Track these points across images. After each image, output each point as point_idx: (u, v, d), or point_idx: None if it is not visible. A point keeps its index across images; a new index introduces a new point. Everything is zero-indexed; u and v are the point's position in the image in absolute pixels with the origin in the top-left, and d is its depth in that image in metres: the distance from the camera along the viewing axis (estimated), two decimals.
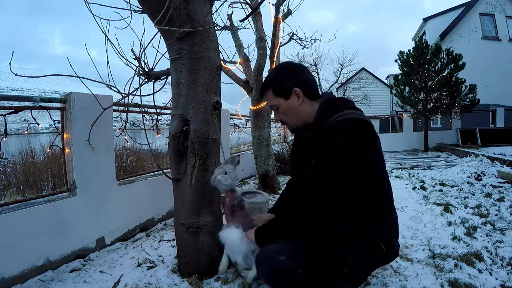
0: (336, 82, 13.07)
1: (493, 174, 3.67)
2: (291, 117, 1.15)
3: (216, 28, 2.01)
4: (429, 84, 7.79)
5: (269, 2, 3.37)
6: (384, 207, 1.07)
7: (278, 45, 3.64)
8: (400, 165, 5.47)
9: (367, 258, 1.03)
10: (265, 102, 1.23)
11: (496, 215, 2.30)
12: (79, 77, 1.55)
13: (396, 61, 8.45)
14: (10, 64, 1.29)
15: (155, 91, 1.64)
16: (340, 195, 0.96)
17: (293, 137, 1.37)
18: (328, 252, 1.00)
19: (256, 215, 1.32)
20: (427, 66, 7.67)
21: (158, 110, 2.34)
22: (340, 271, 0.99)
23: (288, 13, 3.81)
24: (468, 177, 3.69)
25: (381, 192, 1.06)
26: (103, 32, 1.54)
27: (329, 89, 12.91)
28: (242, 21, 1.83)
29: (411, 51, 7.97)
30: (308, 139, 1.14)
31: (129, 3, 1.58)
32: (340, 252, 0.99)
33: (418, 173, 4.47)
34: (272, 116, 3.17)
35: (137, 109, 2.06)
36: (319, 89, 1.18)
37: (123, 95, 1.71)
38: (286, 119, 1.16)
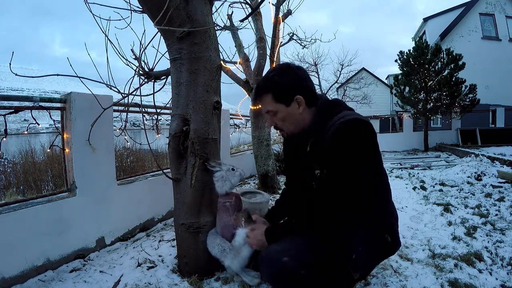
0: (336, 82, 13.06)
1: (493, 174, 3.66)
2: (288, 124, 1.11)
3: (216, 28, 2.01)
4: (429, 84, 7.78)
5: (269, 2, 3.37)
6: (387, 198, 1.12)
7: (278, 45, 3.64)
8: (400, 165, 5.47)
9: (375, 247, 1.05)
10: (260, 104, 1.15)
11: (496, 215, 2.30)
12: (79, 77, 1.56)
13: (396, 61, 8.45)
14: (10, 64, 1.29)
15: (155, 91, 1.64)
16: (355, 190, 0.99)
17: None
18: (338, 239, 1.02)
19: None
20: (427, 66, 7.66)
21: (158, 110, 2.34)
22: (349, 257, 1.01)
23: (288, 13, 3.81)
24: (468, 177, 3.69)
25: (384, 183, 1.11)
26: (103, 32, 1.54)
27: (329, 89, 12.91)
28: (242, 21, 1.83)
29: (411, 51, 7.96)
30: (305, 143, 1.12)
31: (129, 3, 1.58)
32: (351, 239, 1.01)
33: (418, 173, 4.46)
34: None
35: (137, 109, 2.06)
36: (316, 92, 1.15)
37: (123, 95, 1.71)
38: (282, 125, 1.12)
